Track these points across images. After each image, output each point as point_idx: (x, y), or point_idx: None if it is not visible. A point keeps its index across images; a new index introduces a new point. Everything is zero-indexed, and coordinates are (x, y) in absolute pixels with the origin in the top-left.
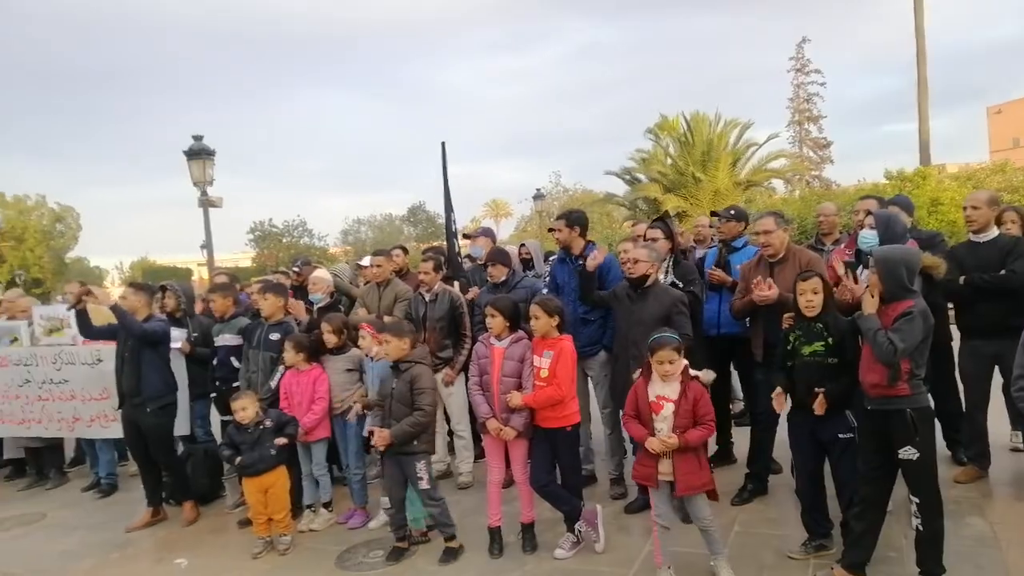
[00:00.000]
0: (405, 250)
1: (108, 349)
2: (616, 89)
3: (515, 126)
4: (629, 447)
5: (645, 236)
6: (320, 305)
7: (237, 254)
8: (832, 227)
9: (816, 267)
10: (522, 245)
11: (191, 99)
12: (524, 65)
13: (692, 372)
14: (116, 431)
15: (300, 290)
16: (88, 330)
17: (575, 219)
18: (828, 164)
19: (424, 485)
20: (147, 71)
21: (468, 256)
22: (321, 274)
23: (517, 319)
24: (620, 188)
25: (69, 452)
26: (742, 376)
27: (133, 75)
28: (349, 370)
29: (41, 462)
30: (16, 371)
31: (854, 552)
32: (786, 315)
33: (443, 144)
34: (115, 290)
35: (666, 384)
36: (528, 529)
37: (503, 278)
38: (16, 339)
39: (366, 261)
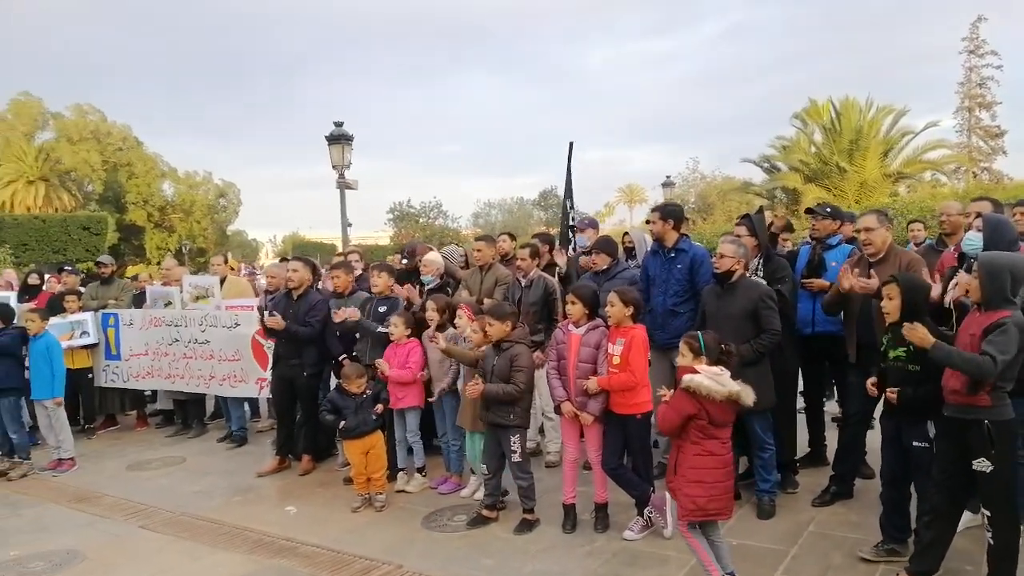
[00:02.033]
0: (512, 236)
1: (246, 314)
2: (764, 74)
3: (654, 111)
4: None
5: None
6: (430, 287)
7: (378, 232)
8: (956, 227)
9: (916, 269)
10: (625, 234)
11: (343, 87)
12: (667, 49)
13: (684, 382)
14: (243, 391)
15: (414, 273)
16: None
17: (669, 212)
18: (1000, 155)
19: (516, 458)
20: (301, 61)
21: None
22: (432, 257)
23: (596, 307)
24: (760, 177)
25: (210, 407)
26: (836, 377)
27: (288, 64)
28: None
29: (186, 413)
30: (168, 331)
31: (921, 561)
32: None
33: (571, 144)
34: (267, 261)
35: None
36: (601, 509)
37: (605, 266)
38: (170, 303)
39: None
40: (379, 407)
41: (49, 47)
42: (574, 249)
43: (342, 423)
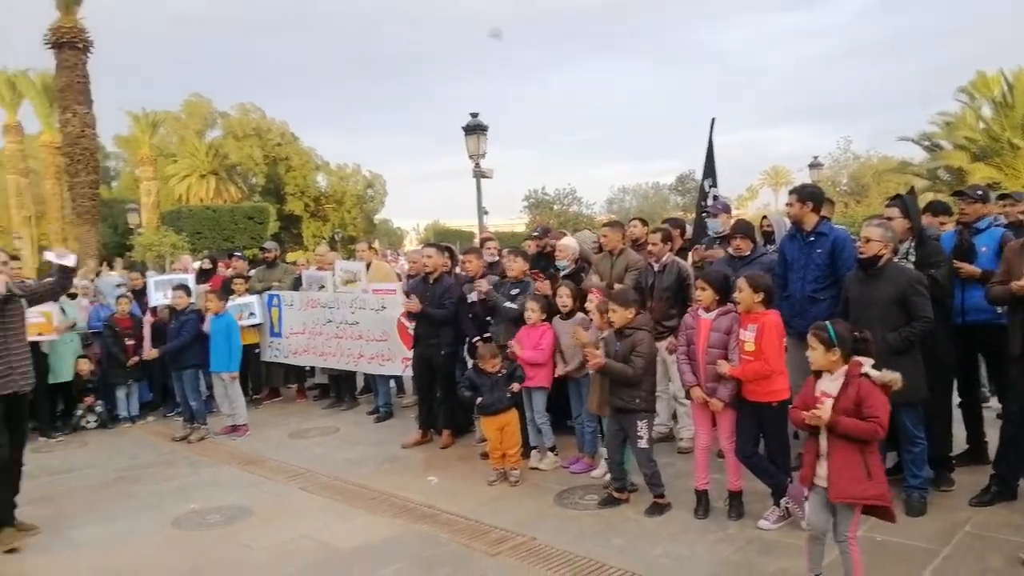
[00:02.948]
0: (644, 222)
1: (391, 298)
2: (923, 45)
3: (799, 89)
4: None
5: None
6: (565, 272)
7: (513, 219)
8: None
9: None
10: (764, 217)
11: (480, 77)
12: (813, 21)
13: (864, 369)
14: (389, 369)
15: (546, 257)
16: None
17: (808, 194)
18: None
19: (642, 444)
20: (442, 54)
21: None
22: (567, 242)
23: (727, 292)
24: (920, 156)
25: (360, 382)
26: (992, 369)
27: (430, 58)
28: None
29: (339, 388)
30: (322, 312)
31: None
32: None
33: (712, 120)
34: (411, 248)
35: (831, 379)
36: (735, 497)
37: (747, 252)
38: (323, 286)
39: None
40: (515, 385)
41: (217, 51)
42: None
43: (479, 400)
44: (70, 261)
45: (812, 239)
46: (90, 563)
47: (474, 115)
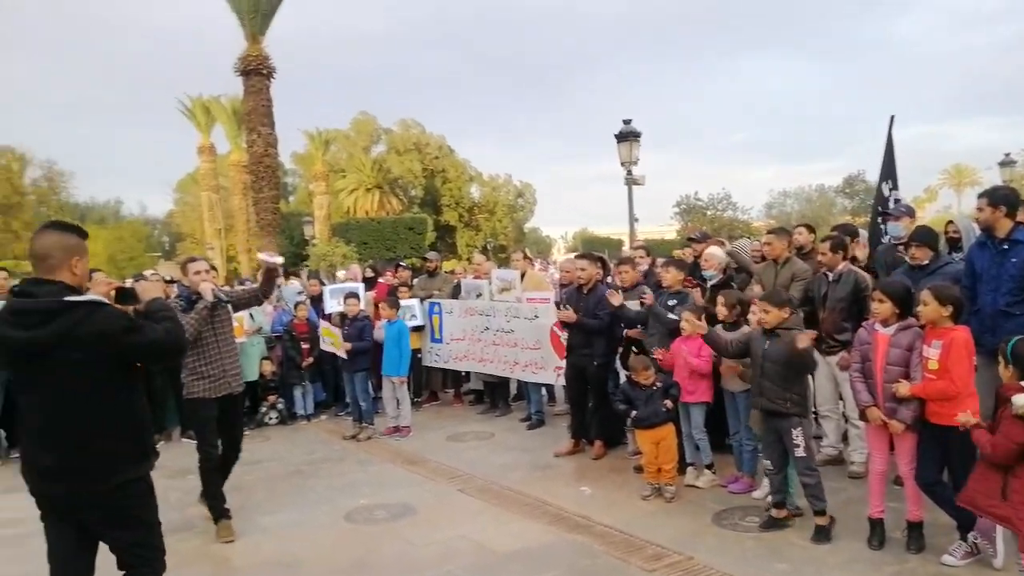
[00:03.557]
0: (810, 228)
1: (544, 307)
2: None
3: (981, 79)
4: None
5: None
6: (713, 282)
7: (663, 226)
8: None
9: None
10: (949, 223)
11: (631, 81)
12: (994, 3)
13: (1015, 407)
14: (542, 378)
15: (695, 266)
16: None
17: (1001, 197)
18: None
19: (800, 453)
20: (592, 58)
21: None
22: (714, 251)
23: (908, 305)
24: None
25: (513, 389)
26: None
27: (578, 63)
28: None
29: (494, 394)
30: (479, 320)
31: None
32: None
33: (891, 118)
34: (560, 256)
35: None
36: (914, 528)
37: (925, 261)
38: (480, 294)
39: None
40: (668, 403)
41: (381, 70)
42: (883, 240)
43: (633, 412)
44: (279, 261)
45: (1006, 247)
46: (272, 548)
47: (627, 121)
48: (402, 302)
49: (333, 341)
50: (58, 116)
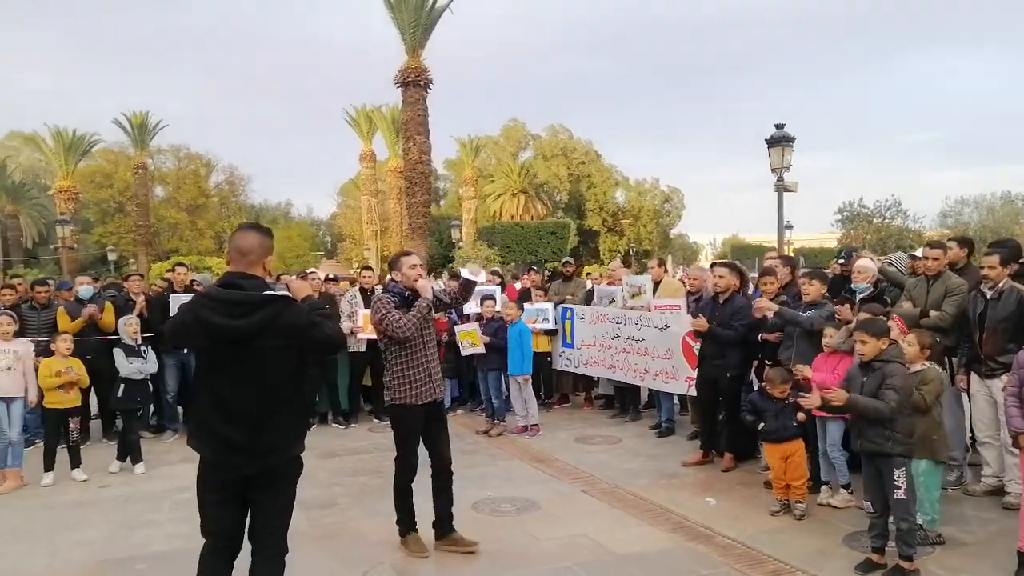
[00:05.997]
0: (965, 242)
1: (674, 315)
2: None
3: None
4: None
5: None
6: (863, 295)
7: (823, 234)
8: None
9: None
10: None
11: (786, 82)
12: None
13: None
14: (673, 387)
15: (845, 280)
16: None
17: None
18: None
19: (899, 495)
20: (746, 60)
21: None
22: (865, 263)
23: None
24: None
25: (643, 396)
26: None
27: (732, 66)
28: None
29: (624, 400)
30: (611, 327)
31: None
32: None
33: None
34: (705, 263)
35: None
36: None
37: None
38: (612, 301)
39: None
40: (800, 415)
41: (532, 77)
42: None
43: (761, 425)
44: (481, 278)
45: None
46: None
47: (779, 126)
48: (536, 305)
49: (472, 340)
50: (238, 127)
